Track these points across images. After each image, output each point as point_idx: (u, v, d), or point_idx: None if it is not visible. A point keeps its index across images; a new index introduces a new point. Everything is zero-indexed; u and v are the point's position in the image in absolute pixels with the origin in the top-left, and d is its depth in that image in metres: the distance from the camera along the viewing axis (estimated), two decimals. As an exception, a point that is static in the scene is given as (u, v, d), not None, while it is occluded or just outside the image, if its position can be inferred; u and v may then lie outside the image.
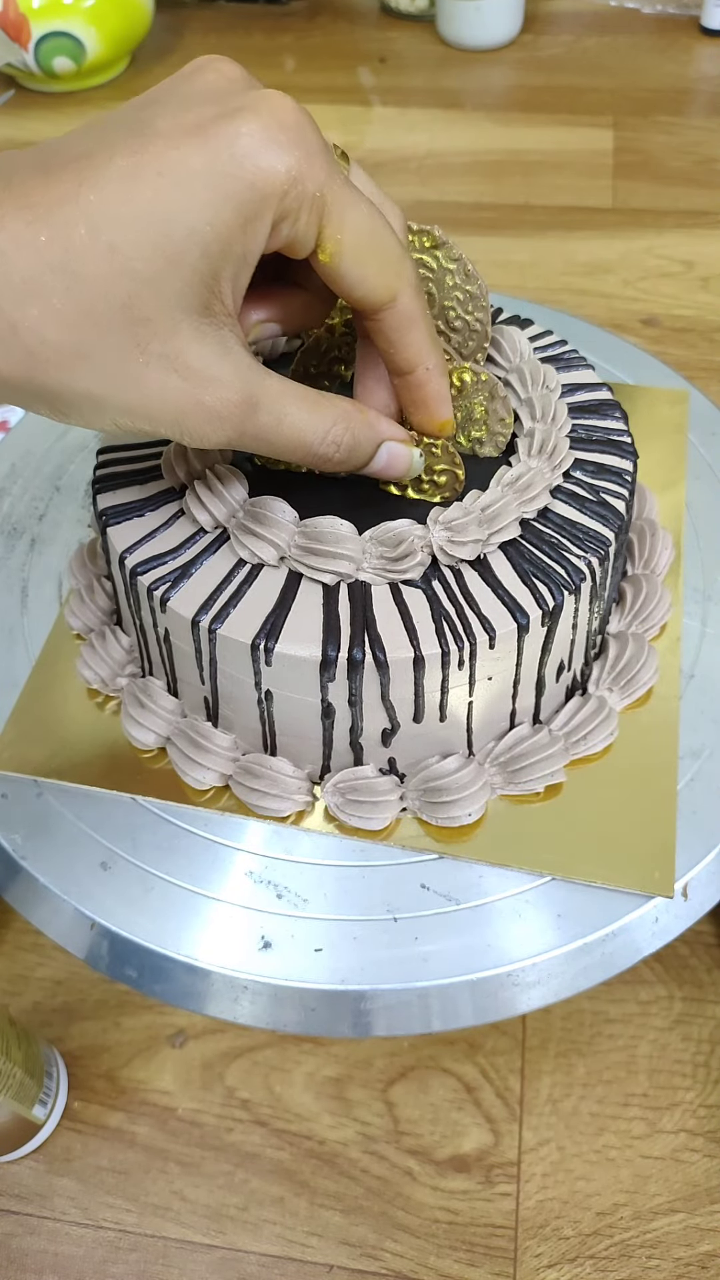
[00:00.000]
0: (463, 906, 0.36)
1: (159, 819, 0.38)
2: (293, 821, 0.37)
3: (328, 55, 1.02)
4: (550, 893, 0.36)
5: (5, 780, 0.39)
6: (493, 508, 0.35)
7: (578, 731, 0.38)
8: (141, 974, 0.36)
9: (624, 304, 0.72)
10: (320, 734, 0.36)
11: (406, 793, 0.37)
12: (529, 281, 0.75)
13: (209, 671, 0.36)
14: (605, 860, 0.36)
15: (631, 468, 0.38)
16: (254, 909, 0.36)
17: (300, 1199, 0.41)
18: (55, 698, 0.41)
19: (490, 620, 0.34)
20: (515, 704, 0.37)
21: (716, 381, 0.66)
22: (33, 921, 0.37)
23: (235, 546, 0.35)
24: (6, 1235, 0.40)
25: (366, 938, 0.35)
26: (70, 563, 0.44)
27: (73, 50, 0.92)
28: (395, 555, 0.34)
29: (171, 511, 0.37)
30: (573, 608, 0.35)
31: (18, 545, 0.47)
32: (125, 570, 0.36)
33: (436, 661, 0.33)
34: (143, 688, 0.39)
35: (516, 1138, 0.42)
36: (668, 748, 0.39)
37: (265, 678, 0.34)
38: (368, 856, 0.37)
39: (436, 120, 0.92)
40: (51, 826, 0.38)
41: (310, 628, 0.34)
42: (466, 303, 0.38)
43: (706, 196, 0.81)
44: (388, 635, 0.33)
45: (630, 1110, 0.42)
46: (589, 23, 1.03)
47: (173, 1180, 0.41)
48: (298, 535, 0.35)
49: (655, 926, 0.36)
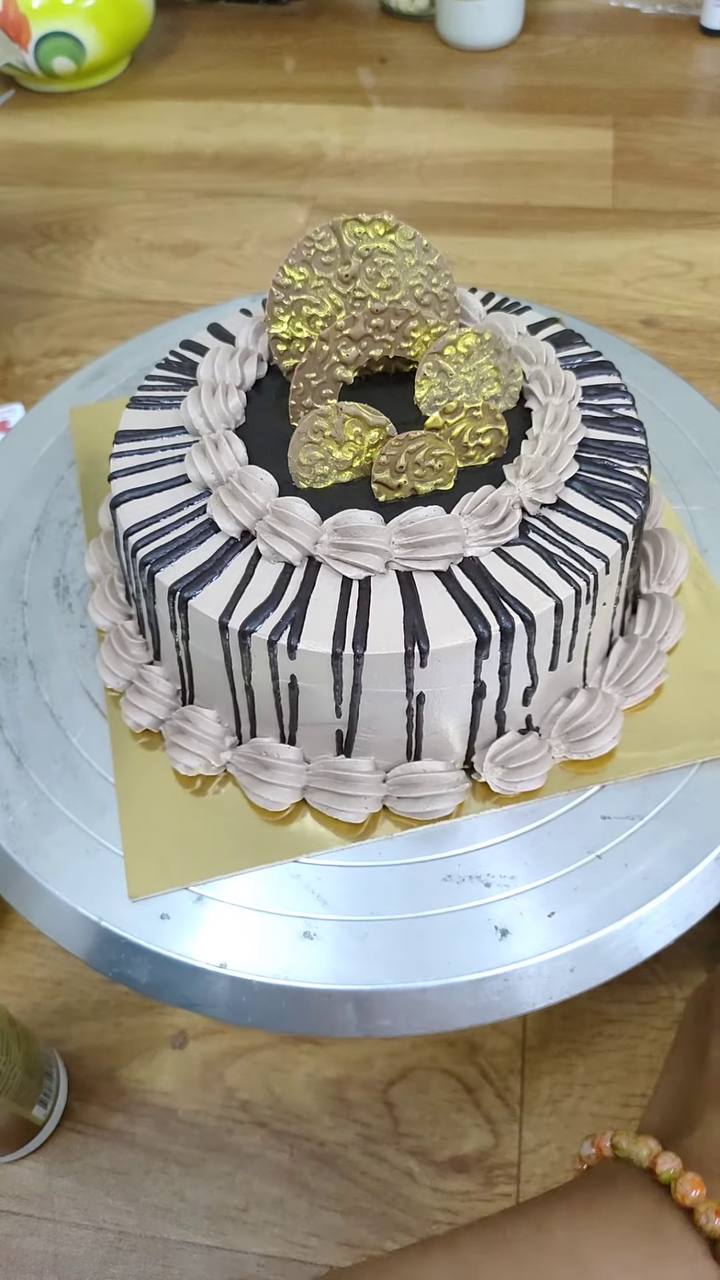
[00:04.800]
0: (463, 906, 0.36)
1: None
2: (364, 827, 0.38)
3: (328, 55, 1.02)
4: (551, 893, 0.36)
5: (4, 779, 0.39)
6: (552, 450, 0.38)
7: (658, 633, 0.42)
8: (142, 974, 0.36)
9: (624, 304, 0.73)
10: (469, 717, 0.37)
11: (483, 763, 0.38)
12: (529, 282, 0.75)
13: (350, 701, 0.35)
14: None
15: (631, 401, 0.42)
16: (254, 909, 0.36)
17: (300, 1200, 0.41)
18: (148, 803, 0.39)
19: (598, 548, 0.36)
20: (612, 624, 0.40)
21: (716, 381, 0.66)
22: (33, 921, 0.37)
23: (331, 564, 0.36)
24: (6, 1235, 0.40)
25: (367, 937, 0.35)
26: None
27: (73, 50, 0.92)
28: (496, 520, 0.36)
29: (221, 546, 0.37)
30: (644, 507, 0.39)
31: (19, 676, 0.43)
32: (248, 639, 0.35)
33: (571, 602, 0.35)
34: (185, 716, 0.39)
35: (516, 1138, 0.42)
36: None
37: (419, 682, 0.35)
38: (368, 857, 0.37)
39: (436, 120, 0.92)
40: (52, 826, 0.38)
41: (441, 617, 0.34)
42: (430, 276, 0.40)
43: (706, 196, 0.81)
44: (519, 594, 0.35)
45: (630, 1110, 0.42)
46: (589, 23, 1.03)
47: (173, 1181, 0.41)
48: (397, 534, 0.36)
49: (655, 926, 0.36)
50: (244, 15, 1.09)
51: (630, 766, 0.38)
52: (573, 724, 0.38)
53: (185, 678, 0.39)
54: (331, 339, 0.39)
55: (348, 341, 0.39)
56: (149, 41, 1.03)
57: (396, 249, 0.39)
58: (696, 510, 0.47)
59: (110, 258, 0.80)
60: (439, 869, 0.37)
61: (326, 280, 0.40)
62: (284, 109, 0.95)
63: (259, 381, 0.43)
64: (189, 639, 0.37)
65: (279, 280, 0.40)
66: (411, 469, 0.37)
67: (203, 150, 0.91)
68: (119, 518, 0.39)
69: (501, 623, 0.34)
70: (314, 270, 0.40)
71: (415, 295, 0.40)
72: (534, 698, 0.38)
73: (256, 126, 0.93)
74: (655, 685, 0.40)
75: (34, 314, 0.76)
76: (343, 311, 0.41)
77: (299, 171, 0.88)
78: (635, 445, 0.40)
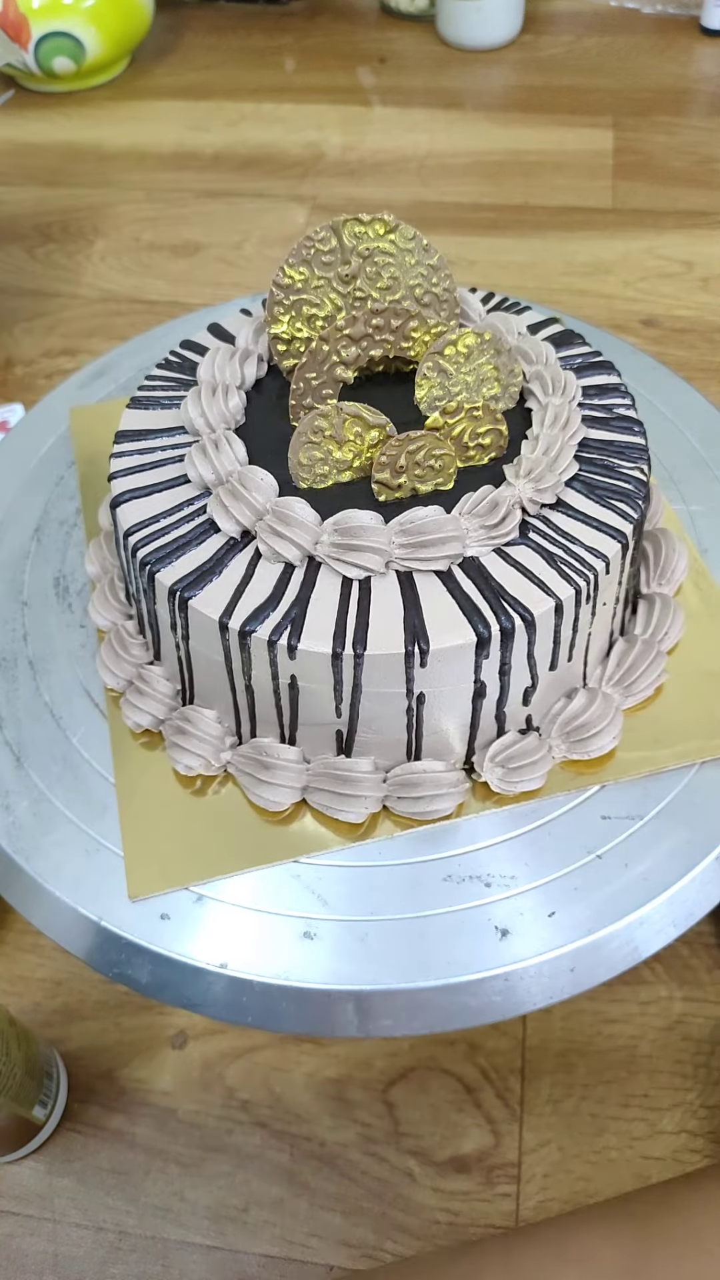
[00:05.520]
0: (463, 906, 0.36)
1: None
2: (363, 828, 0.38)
3: (328, 55, 1.02)
4: (551, 893, 0.36)
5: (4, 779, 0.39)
6: (552, 450, 0.38)
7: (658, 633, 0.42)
8: (142, 974, 0.36)
9: (624, 304, 0.73)
10: (469, 717, 0.37)
11: (483, 764, 0.38)
12: (529, 282, 0.75)
13: (350, 701, 0.35)
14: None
15: (631, 401, 0.42)
16: (255, 909, 0.36)
17: (300, 1200, 0.41)
18: (149, 804, 0.39)
19: (598, 548, 0.36)
20: (613, 624, 0.40)
21: (716, 381, 0.66)
22: (33, 921, 0.37)
23: (331, 564, 0.36)
24: (6, 1236, 0.40)
25: (368, 937, 0.35)
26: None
27: (73, 50, 0.92)
28: (496, 520, 0.36)
29: (241, 563, 0.37)
30: (644, 507, 0.39)
31: (19, 677, 0.43)
32: (248, 639, 0.35)
33: (571, 602, 0.35)
34: (185, 716, 0.39)
35: (517, 1138, 0.42)
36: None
37: (419, 682, 0.35)
38: (368, 857, 0.37)
39: (436, 120, 0.92)
40: (52, 826, 0.38)
41: (441, 617, 0.34)
42: (430, 276, 0.40)
43: (706, 196, 0.81)
44: (519, 594, 0.35)
45: (630, 1110, 0.42)
46: (589, 23, 1.03)
47: (173, 1181, 0.41)
48: (397, 534, 0.36)
49: (655, 926, 0.36)
50: (244, 15, 1.09)
51: (630, 766, 0.38)
52: (573, 724, 0.38)
53: (185, 678, 0.39)
54: (331, 339, 0.39)
55: (348, 341, 0.39)
56: (149, 41, 1.03)
57: (396, 249, 0.39)
58: (696, 510, 0.47)
59: (110, 258, 0.80)
60: (439, 869, 0.37)
61: (326, 280, 0.40)
62: (284, 109, 0.95)
63: (259, 381, 0.43)
64: (189, 639, 0.37)
65: (279, 280, 0.40)
66: (411, 469, 0.37)
67: (203, 150, 0.91)
68: (119, 518, 0.39)
69: (501, 623, 0.34)
70: (314, 270, 0.40)
71: (415, 295, 0.40)
72: (534, 698, 0.38)
73: (256, 126, 0.93)
74: (655, 685, 0.40)
75: (34, 314, 0.76)
76: (343, 311, 0.41)
77: (299, 171, 0.88)
78: (635, 445, 0.40)
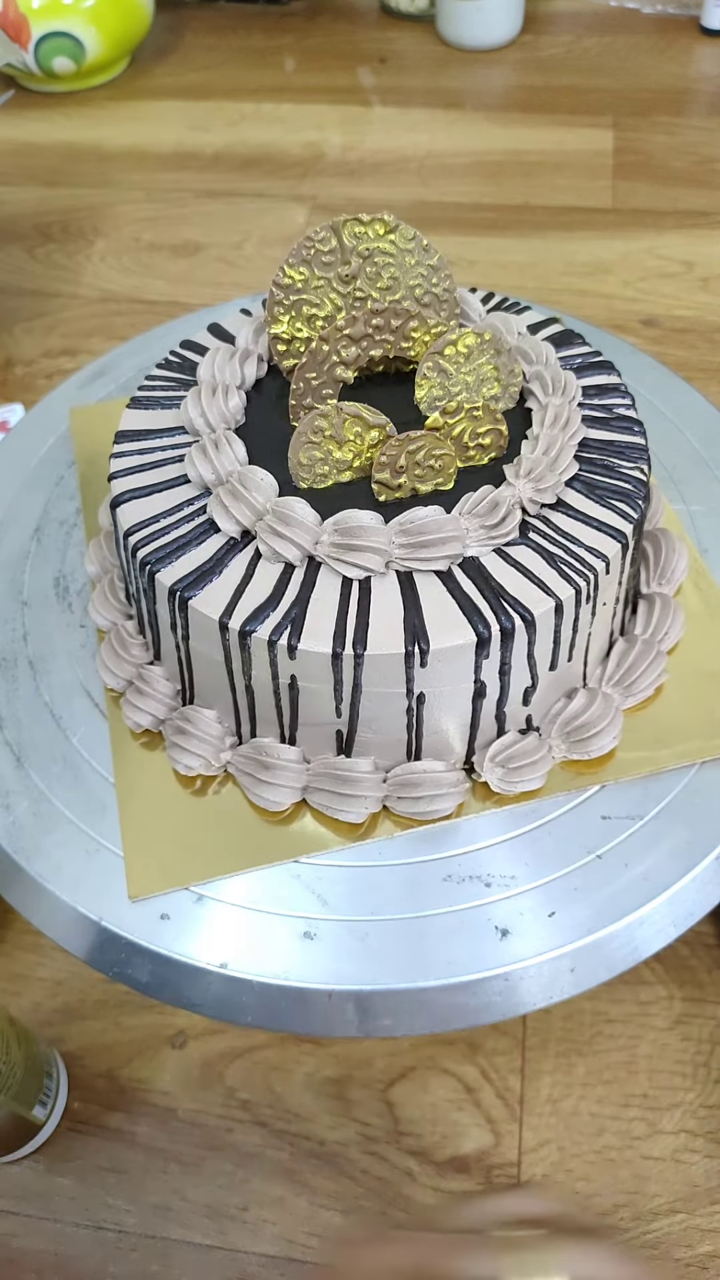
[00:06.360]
0: (463, 906, 0.36)
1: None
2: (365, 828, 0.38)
3: (328, 55, 1.02)
4: (551, 893, 0.36)
5: (4, 779, 0.39)
6: (552, 450, 0.38)
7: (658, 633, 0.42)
8: (142, 974, 0.36)
9: (624, 304, 0.72)
10: (469, 717, 0.37)
11: (481, 766, 0.38)
12: (529, 282, 0.75)
13: (350, 701, 0.35)
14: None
15: (631, 401, 0.42)
16: (255, 909, 0.36)
17: (300, 1199, 0.41)
18: (149, 804, 0.39)
19: (598, 548, 0.36)
20: (613, 624, 0.40)
21: (716, 381, 0.66)
22: (33, 921, 0.37)
23: (331, 564, 0.36)
24: (6, 1235, 0.40)
25: (368, 937, 0.35)
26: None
27: (73, 50, 0.92)
28: (496, 520, 0.36)
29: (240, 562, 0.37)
30: (644, 507, 0.39)
31: (19, 676, 0.43)
32: (248, 639, 0.35)
33: (571, 602, 0.35)
34: (186, 716, 0.39)
35: (516, 1138, 0.42)
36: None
37: (419, 682, 0.35)
38: (368, 857, 0.37)
39: (436, 120, 0.92)
40: (52, 827, 0.38)
41: (441, 617, 0.34)
42: (430, 276, 0.40)
43: (706, 196, 0.81)
44: (519, 594, 0.35)
45: (630, 1110, 0.42)
46: (589, 23, 1.03)
47: (173, 1180, 0.41)
48: (397, 534, 0.36)
49: (655, 926, 0.36)
50: (244, 15, 1.09)
51: (630, 766, 0.38)
52: (573, 724, 0.38)
53: (185, 678, 0.39)
54: (331, 339, 0.39)
55: (348, 341, 0.39)
56: (149, 41, 1.03)
57: (396, 249, 0.39)
58: (696, 510, 0.47)
59: (110, 258, 0.80)
60: (439, 869, 0.37)
61: (326, 280, 0.40)
62: (284, 109, 0.95)
63: (259, 381, 0.43)
64: (189, 639, 0.37)
65: (279, 280, 0.40)
66: (411, 469, 0.37)
67: (203, 150, 0.91)
68: (119, 518, 0.39)
69: (502, 623, 0.34)
70: (314, 270, 0.40)
71: (415, 295, 0.40)
72: (534, 698, 0.38)
73: (256, 126, 0.93)
74: (655, 685, 0.40)
75: (34, 314, 0.76)
76: (343, 311, 0.41)
77: (299, 171, 0.88)
78: (635, 445, 0.40)
